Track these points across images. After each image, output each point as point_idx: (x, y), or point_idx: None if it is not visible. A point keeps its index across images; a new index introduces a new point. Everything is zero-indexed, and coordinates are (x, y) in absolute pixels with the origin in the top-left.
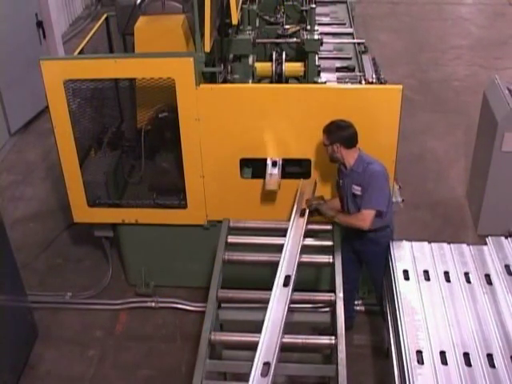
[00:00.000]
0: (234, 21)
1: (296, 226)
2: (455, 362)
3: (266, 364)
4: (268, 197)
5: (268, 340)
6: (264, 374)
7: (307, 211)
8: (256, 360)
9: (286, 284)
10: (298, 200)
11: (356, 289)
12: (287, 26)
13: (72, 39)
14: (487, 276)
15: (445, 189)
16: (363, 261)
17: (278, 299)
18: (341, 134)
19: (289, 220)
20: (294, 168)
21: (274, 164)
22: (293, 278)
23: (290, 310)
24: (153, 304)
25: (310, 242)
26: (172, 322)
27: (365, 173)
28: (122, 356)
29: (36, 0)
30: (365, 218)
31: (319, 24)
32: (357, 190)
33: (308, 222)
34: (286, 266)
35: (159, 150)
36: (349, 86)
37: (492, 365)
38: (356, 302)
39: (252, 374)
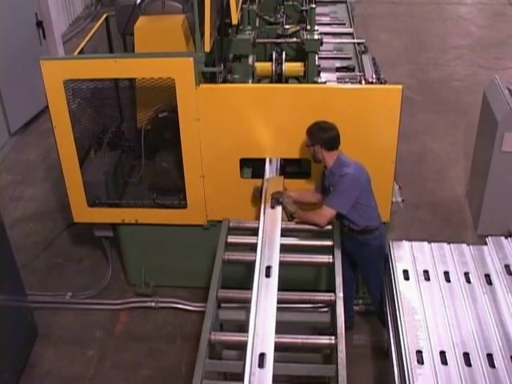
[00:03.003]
0: (234, 21)
1: (270, 218)
2: (455, 362)
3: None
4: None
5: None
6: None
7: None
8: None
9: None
10: (267, 194)
11: (353, 288)
12: (287, 26)
13: (72, 39)
14: (487, 276)
15: (445, 189)
16: (355, 261)
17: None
18: (322, 136)
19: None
20: (294, 168)
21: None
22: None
23: (290, 311)
24: (153, 304)
25: (310, 242)
26: (172, 321)
27: (338, 174)
28: (122, 356)
29: (36, 0)
30: (323, 215)
31: (319, 24)
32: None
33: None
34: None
35: (159, 149)
36: (349, 86)
37: (492, 365)
38: (356, 302)
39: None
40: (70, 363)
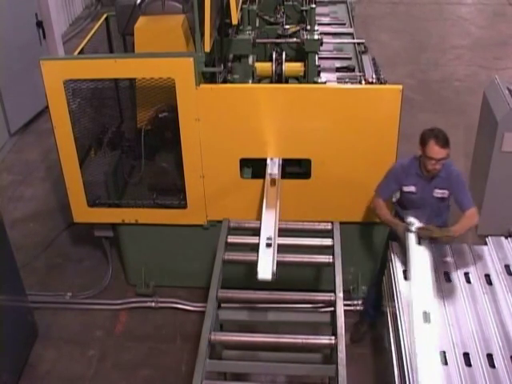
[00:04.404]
0: (234, 21)
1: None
2: (455, 362)
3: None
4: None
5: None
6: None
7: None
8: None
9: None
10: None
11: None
12: (287, 26)
13: (72, 39)
14: (487, 276)
15: None
16: None
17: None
18: None
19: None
20: (294, 168)
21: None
22: None
23: (290, 311)
24: (153, 304)
25: (309, 241)
26: (172, 321)
27: (450, 176)
28: (122, 356)
29: (36, 0)
30: (475, 215)
31: (319, 24)
32: (441, 193)
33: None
34: None
35: (159, 150)
36: (349, 86)
37: (492, 365)
38: (356, 303)
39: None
40: (70, 363)
